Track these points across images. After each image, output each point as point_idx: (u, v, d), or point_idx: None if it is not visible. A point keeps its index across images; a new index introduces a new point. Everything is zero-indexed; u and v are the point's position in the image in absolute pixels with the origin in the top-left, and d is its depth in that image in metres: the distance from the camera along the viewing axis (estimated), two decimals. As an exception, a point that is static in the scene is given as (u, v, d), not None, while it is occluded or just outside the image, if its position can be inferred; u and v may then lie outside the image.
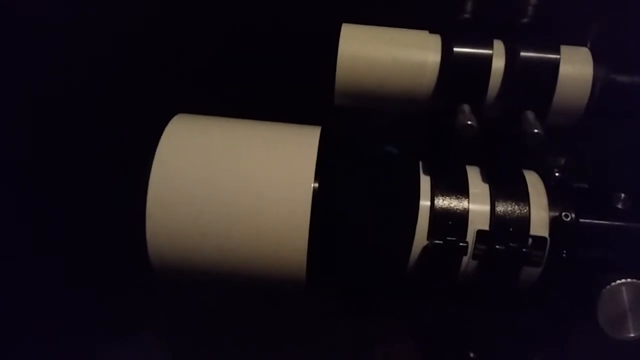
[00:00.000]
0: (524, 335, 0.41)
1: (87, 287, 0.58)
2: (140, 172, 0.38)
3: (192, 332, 0.58)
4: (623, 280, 0.35)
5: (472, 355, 0.40)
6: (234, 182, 0.37)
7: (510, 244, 0.37)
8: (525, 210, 0.38)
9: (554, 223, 0.38)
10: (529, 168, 0.42)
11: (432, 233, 0.38)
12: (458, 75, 0.37)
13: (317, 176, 0.37)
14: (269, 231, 0.36)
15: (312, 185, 0.36)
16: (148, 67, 0.55)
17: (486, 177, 0.40)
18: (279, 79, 0.53)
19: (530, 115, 0.37)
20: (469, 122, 0.36)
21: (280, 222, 0.36)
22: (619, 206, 0.39)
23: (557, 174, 0.40)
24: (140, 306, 0.58)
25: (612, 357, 0.37)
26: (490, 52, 0.37)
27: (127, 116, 0.54)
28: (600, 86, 0.38)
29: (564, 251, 0.38)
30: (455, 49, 0.37)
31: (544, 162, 0.42)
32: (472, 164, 0.41)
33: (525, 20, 0.39)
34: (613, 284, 0.35)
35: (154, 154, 0.37)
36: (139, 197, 0.37)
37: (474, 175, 0.40)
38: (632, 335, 0.35)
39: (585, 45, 0.39)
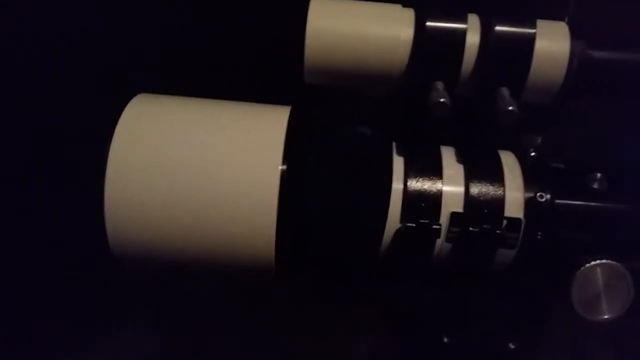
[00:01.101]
0: (499, 318, 0.40)
1: (69, 277, 0.56)
2: (99, 155, 0.36)
3: (181, 322, 0.56)
4: (597, 262, 0.35)
5: (445, 339, 0.39)
6: (196, 164, 0.35)
7: (484, 226, 0.36)
8: (500, 192, 0.37)
9: (529, 204, 0.37)
10: (506, 148, 0.41)
11: (405, 216, 0.36)
12: (431, 51, 0.36)
13: (286, 158, 0.35)
14: (235, 216, 0.35)
15: (280, 167, 0.35)
16: (116, 47, 0.53)
17: (461, 158, 0.39)
18: (250, 58, 0.51)
19: (505, 92, 0.35)
20: (442, 100, 0.34)
21: (246, 206, 0.35)
22: (595, 186, 0.38)
23: (533, 154, 0.39)
24: (126, 295, 0.56)
25: (587, 340, 0.36)
26: (464, 26, 0.36)
27: (86, 101, 0.51)
28: (578, 62, 0.37)
29: (539, 232, 0.37)
30: (428, 24, 0.35)
31: (520, 142, 0.41)
32: (447, 144, 0.40)
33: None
34: (587, 265, 0.35)
35: (112, 135, 0.36)
36: (98, 180, 0.35)
37: (448, 156, 0.39)
38: (605, 316, 0.35)
39: (563, 20, 0.38)
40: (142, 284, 0.54)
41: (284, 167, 0.35)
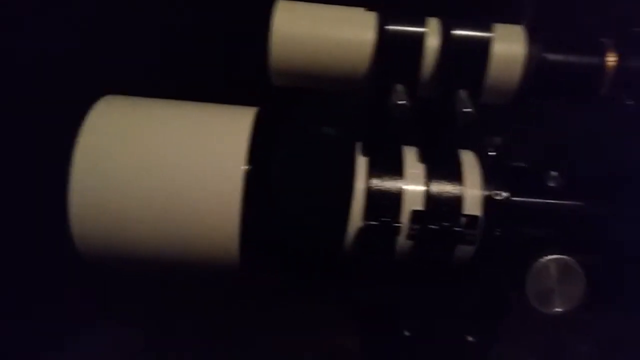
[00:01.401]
0: (458, 313, 0.41)
1: (52, 271, 0.56)
2: (64, 156, 0.36)
3: (165, 315, 0.57)
4: (551, 257, 0.36)
5: (406, 333, 0.40)
6: (161, 164, 0.36)
7: (444, 224, 0.37)
8: (459, 190, 0.38)
9: (487, 202, 0.38)
10: (467, 148, 0.42)
11: (367, 214, 0.37)
12: (392, 54, 0.37)
13: (250, 158, 0.36)
14: (199, 216, 0.35)
15: (243, 167, 0.36)
16: (80, 50, 0.53)
17: (422, 158, 0.40)
18: (217, 60, 0.52)
19: (462, 94, 0.37)
20: (401, 102, 0.35)
21: (210, 206, 0.35)
22: (552, 185, 0.39)
23: (492, 154, 0.40)
24: (109, 289, 0.56)
25: (544, 333, 0.38)
26: (422, 30, 0.37)
27: (50, 105, 0.52)
28: (534, 65, 0.38)
29: (497, 229, 0.38)
30: (388, 27, 0.36)
31: (481, 142, 0.42)
32: (410, 144, 0.41)
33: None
34: (542, 259, 0.36)
35: (77, 136, 0.36)
36: (63, 181, 0.35)
37: (410, 155, 0.40)
38: (559, 309, 0.36)
39: (520, 24, 0.39)
40: (125, 279, 0.55)
41: (248, 167, 0.36)
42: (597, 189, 0.40)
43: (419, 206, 0.37)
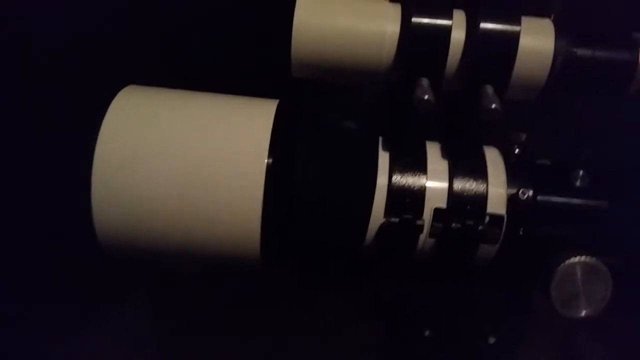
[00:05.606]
0: (480, 313, 0.41)
1: (62, 261, 0.56)
2: (87, 145, 0.36)
3: (174, 306, 0.57)
4: (577, 259, 0.35)
5: (427, 332, 0.40)
6: (182, 156, 0.35)
7: (467, 222, 0.36)
8: (483, 188, 0.37)
9: (512, 200, 0.37)
10: (491, 144, 0.41)
11: (389, 211, 0.37)
12: (416, 47, 0.36)
13: (272, 151, 0.35)
14: (221, 208, 0.35)
15: (266, 160, 0.35)
16: (102, 40, 0.52)
17: (446, 154, 0.39)
18: (240, 52, 0.51)
19: (489, 89, 0.36)
20: (426, 97, 0.35)
21: (232, 199, 0.35)
22: (577, 183, 0.38)
23: (517, 151, 0.39)
24: (119, 280, 0.57)
25: (568, 336, 0.37)
26: (449, 23, 0.36)
27: (76, 92, 0.51)
28: (562, 60, 0.37)
29: (521, 228, 0.37)
30: (414, 19, 0.35)
31: (506, 138, 0.42)
32: (434, 139, 0.41)
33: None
34: (567, 262, 0.35)
35: (100, 126, 0.36)
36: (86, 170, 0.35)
37: (433, 151, 0.39)
38: (583, 314, 0.35)
39: (549, 17, 0.38)
40: (133, 273, 0.55)
41: (270, 160, 0.35)
42: (624, 188, 0.39)
43: (442, 204, 0.37)
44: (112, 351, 0.57)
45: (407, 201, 0.37)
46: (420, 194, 0.37)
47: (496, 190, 0.37)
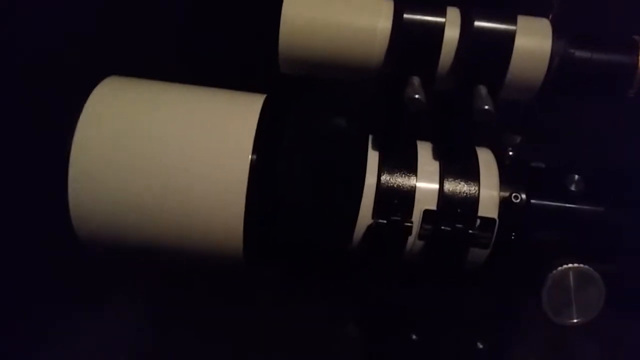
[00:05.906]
0: (468, 318, 0.40)
1: (62, 261, 0.55)
2: (65, 136, 0.35)
3: (170, 297, 0.56)
4: (569, 265, 0.34)
5: (414, 337, 0.39)
6: (164, 149, 0.34)
7: (457, 225, 0.35)
8: (475, 190, 0.36)
9: (504, 204, 0.36)
10: (485, 145, 0.40)
11: (377, 212, 0.36)
12: (408, 44, 0.35)
13: (256, 147, 0.34)
14: (202, 203, 0.34)
15: (250, 156, 0.34)
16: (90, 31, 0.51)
17: (437, 154, 0.38)
18: (227, 47, 0.50)
19: (482, 90, 0.34)
20: (416, 96, 0.33)
21: (214, 196, 0.34)
22: (572, 188, 0.37)
23: (511, 153, 0.38)
24: (113, 271, 0.56)
25: (556, 343, 0.36)
26: (442, 20, 0.35)
27: (55, 84, 0.50)
28: (559, 61, 0.36)
29: (513, 233, 0.36)
30: (406, 15, 0.34)
31: (500, 140, 0.40)
32: (425, 138, 0.39)
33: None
34: (559, 268, 0.34)
35: (78, 119, 0.35)
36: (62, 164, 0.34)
37: (425, 151, 0.38)
38: (574, 321, 0.34)
39: (547, 17, 0.37)
40: (131, 272, 0.54)
41: (254, 156, 0.34)
42: (619, 194, 0.38)
43: (432, 205, 0.36)
44: (110, 351, 0.56)
45: (396, 202, 0.36)
46: (409, 195, 0.36)
47: (488, 193, 0.36)
